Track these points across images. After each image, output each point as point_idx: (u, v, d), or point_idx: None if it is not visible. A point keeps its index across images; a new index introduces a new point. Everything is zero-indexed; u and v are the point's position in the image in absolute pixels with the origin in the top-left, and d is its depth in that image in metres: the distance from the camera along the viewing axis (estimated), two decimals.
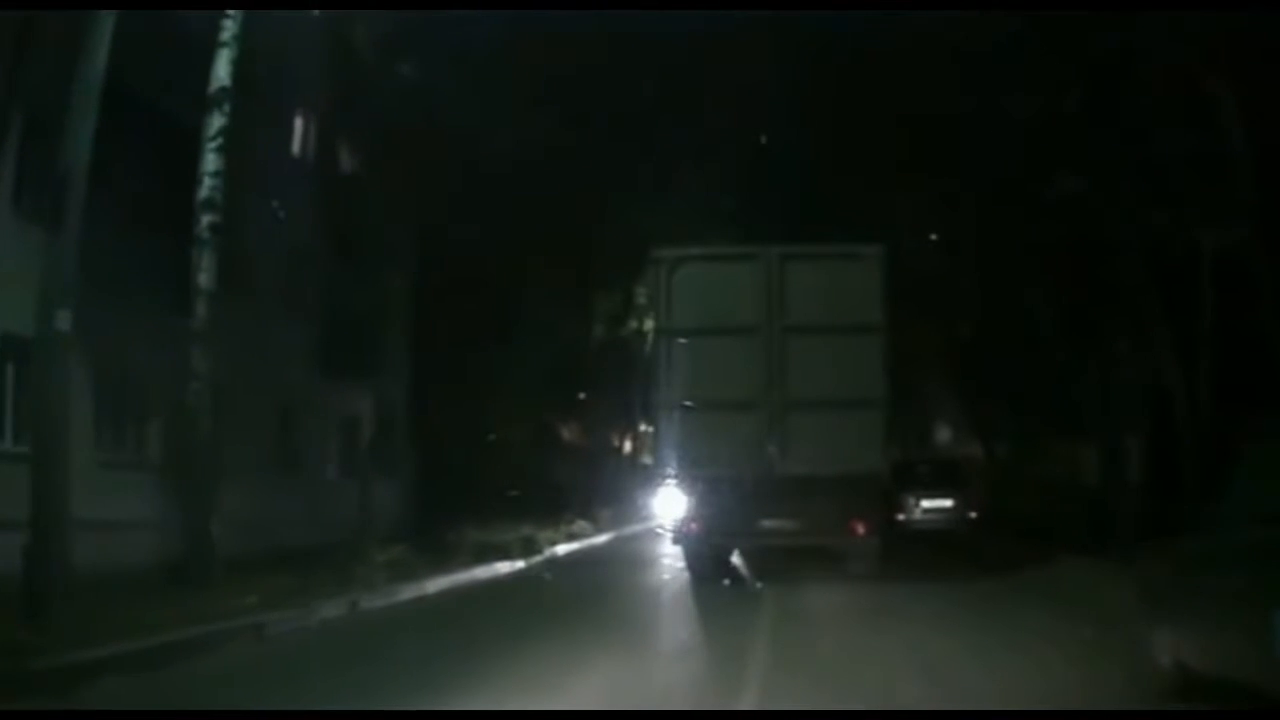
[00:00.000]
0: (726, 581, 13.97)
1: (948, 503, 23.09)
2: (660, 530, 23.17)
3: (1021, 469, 26.79)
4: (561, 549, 19.03)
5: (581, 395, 31.25)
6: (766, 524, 13.46)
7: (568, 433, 33.17)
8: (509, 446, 28.07)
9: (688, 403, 13.61)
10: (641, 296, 31.60)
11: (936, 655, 7.94)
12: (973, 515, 23.05)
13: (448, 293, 23.11)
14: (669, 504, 16.46)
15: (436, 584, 12.90)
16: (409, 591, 12.11)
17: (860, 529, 13.27)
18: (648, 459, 38.25)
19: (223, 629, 8.79)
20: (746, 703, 6.44)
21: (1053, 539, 18.16)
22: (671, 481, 14.19)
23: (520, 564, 16.11)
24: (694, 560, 14.32)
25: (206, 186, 12.09)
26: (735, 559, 15.43)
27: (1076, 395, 21.90)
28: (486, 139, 22.02)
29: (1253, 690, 5.29)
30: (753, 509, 13.37)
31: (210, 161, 12.14)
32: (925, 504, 23.03)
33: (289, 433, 20.00)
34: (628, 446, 37.19)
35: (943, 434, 37.87)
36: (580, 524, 22.90)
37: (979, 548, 19.45)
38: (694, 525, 13.73)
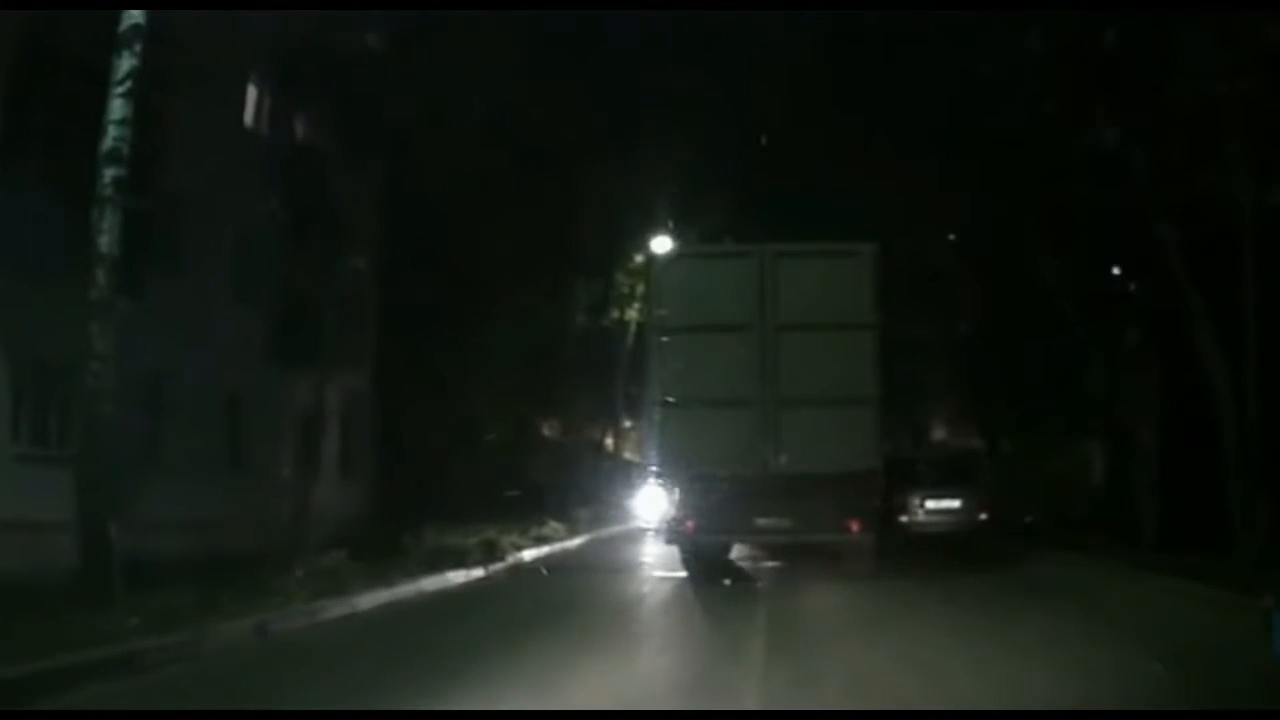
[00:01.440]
0: (727, 581, 13.78)
1: (955, 503, 21.25)
2: (649, 530, 21.92)
3: (1026, 465, 25.38)
4: (528, 554, 17.42)
5: (560, 388, 29.72)
6: (761, 522, 13.53)
7: (546, 428, 31.64)
8: (483, 443, 26.72)
9: (675, 400, 13.61)
10: (623, 285, 30.32)
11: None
12: (983, 517, 21.25)
13: (417, 278, 21.80)
14: (657, 503, 15.71)
15: (373, 598, 11.14)
16: (336, 609, 10.30)
17: (855, 527, 13.32)
18: (631, 455, 36.93)
19: (85, 660, 7.05)
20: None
21: (1069, 543, 17.36)
22: (661, 480, 14.06)
23: (479, 572, 14.50)
24: (689, 560, 14.22)
25: (111, 137, 10.71)
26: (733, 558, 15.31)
27: (1088, 388, 20.59)
28: (461, 116, 20.78)
29: None
30: (747, 507, 13.40)
31: (117, 108, 10.74)
32: (930, 505, 21.23)
33: (237, 427, 18.86)
34: (609, 442, 35.60)
35: (940, 430, 36.50)
36: (553, 525, 21.28)
37: (992, 551, 18.19)
38: (688, 524, 13.67)
